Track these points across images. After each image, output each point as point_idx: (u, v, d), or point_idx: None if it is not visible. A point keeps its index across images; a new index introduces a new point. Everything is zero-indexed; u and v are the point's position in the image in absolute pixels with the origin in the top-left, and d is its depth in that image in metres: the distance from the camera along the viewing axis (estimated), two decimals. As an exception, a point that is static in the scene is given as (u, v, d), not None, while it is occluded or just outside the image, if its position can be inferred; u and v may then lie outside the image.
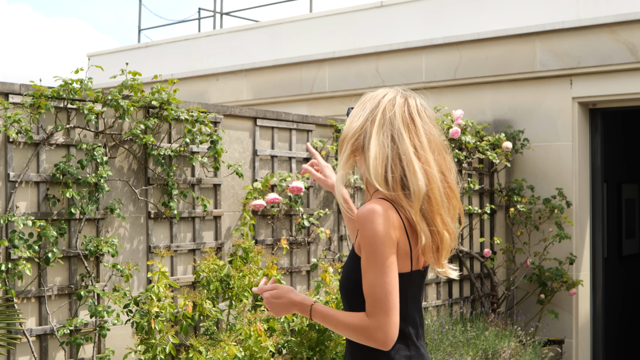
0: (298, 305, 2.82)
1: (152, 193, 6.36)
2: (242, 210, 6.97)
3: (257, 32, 13.28)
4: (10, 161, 5.51)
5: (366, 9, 11.99)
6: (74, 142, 5.83)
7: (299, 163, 7.53)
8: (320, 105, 11.77)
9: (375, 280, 2.64)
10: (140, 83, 6.14)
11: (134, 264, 6.02)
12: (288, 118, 7.44)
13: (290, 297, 2.83)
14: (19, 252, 5.38)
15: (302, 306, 2.81)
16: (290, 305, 2.84)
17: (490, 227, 9.82)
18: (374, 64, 11.23)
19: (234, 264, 6.38)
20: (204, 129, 6.49)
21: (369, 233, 2.68)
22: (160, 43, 14.56)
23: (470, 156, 9.27)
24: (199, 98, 12.83)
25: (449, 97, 10.44)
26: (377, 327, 2.64)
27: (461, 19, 10.95)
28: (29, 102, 5.54)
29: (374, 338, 2.65)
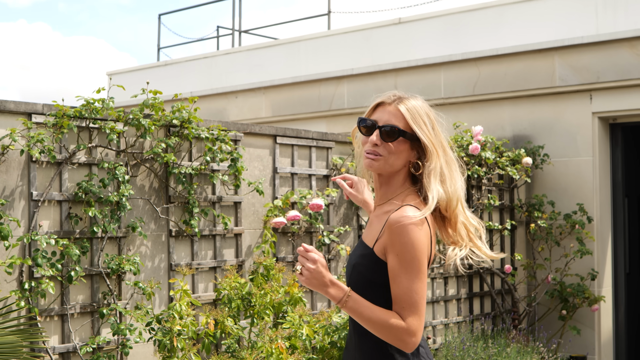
0: (335, 286, 2.77)
1: (173, 211, 6.38)
2: (263, 227, 6.99)
3: (275, 49, 13.33)
4: (33, 180, 5.55)
5: (384, 25, 12.02)
6: (96, 161, 5.86)
7: (319, 180, 7.55)
8: (339, 121, 11.79)
9: (411, 285, 2.72)
10: (161, 102, 6.18)
11: (155, 282, 6.05)
12: (308, 135, 7.47)
13: (330, 276, 2.78)
14: (42, 270, 5.41)
15: (338, 288, 2.77)
16: (328, 283, 2.76)
17: (511, 243, 9.79)
18: (392, 80, 11.24)
19: (255, 281, 6.39)
20: (224, 147, 6.52)
21: (408, 240, 2.75)
22: (180, 61, 14.64)
23: (490, 172, 9.25)
24: (218, 115, 12.88)
25: (468, 112, 10.44)
26: (411, 329, 2.72)
27: (479, 34, 10.95)
28: (52, 122, 5.58)
29: (404, 339, 2.72)
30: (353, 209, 7.84)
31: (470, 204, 9.04)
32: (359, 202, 3.45)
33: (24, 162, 5.55)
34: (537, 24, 10.44)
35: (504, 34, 10.69)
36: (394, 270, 2.76)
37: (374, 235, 2.90)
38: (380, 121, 2.93)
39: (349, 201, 7.79)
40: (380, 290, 2.84)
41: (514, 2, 10.83)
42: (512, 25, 10.70)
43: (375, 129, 2.92)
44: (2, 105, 5.43)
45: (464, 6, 11.31)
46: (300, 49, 12.89)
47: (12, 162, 5.49)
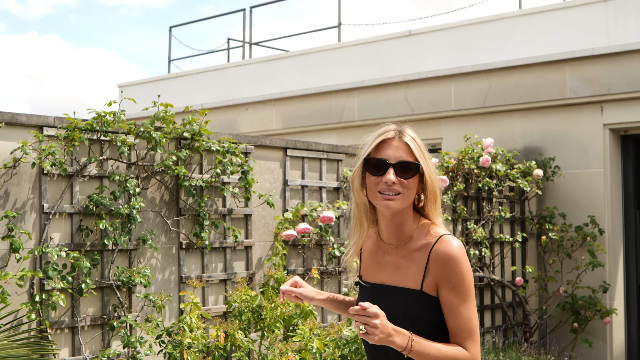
0: (399, 333, 2.65)
1: (184, 224, 6.39)
2: (274, 240, 6.98)
3: (286, 61, 13.36)
4: (45, 193, 5.57)
5: (395, 37, 12.04)
6: (107, 173, 5.88)
7: (330, 193, 7.54)
8: (349, 134, 11.79)
9: (469, 313, 2.73)
10: (172, 114, 6.19)
11: (166, 294, 6.05)
12: (318, 148, 7.47)
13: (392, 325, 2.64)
14: (53, 283, 5.41)
15: (402, 334, 2.66)
16: (393, 333, 2.63)
17: (522, 255, 9.76)
18: (403, 92, 11.25)
19: (266, 294, 6.38)
20: (235, 160, 6.53)
21: (464, 271, 2.76)
22: (190, 73, 14.68)
23: (501, 184, 9.23)
24: (229, 127, 12.90)
25: (479, 124, 10.42)
26: (475, 357, 2.74)
27: (490, 46, 10.96)
28: (63, 135, 5.60)
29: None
30: (363, 221, 7.81)
31: (481, 216, 9.02)
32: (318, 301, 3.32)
33: (35, 174, 5.56)
34: (548, 35, 10.44)
35: (514, 46, 10.69)
36: (452, 304, 2.74)
37: (416, 276, 2.83)
38: (391, 159, 2.81)
39: (359, 213, 7.77)
40: (434, 328, 2.79)
41: (524, 14, 10.84)
42: (522, 37, 10.70)
43: (389, 167, 2.80)
44: (14, 118, 5.45)
45: (475, 18, 11.31)
46: (310, 61, 12.91)
47: (23, 175, 5.50)
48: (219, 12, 31.62)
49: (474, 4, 13.96)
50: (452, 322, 2.75)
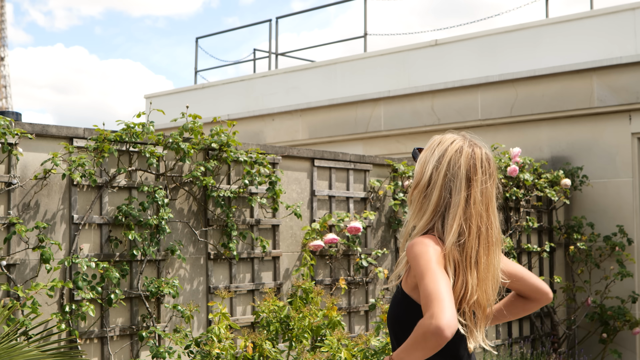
0: None
1: (212, 234, 6.41)
2: (302, 250, 6.99)
3: (312, 72, 13.38)
4: (74, 204, 5.61)
5: (420, 47, 12.03)
6: (136, 184, 5.91)
7: (357, 203, 7.54)
8: (375, 144, 11.79)
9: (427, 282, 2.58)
10: (200, 125, 6.22)
11: (194, 305, 6.07)
12: (345, 158, 7.47)
13: None
14: (83, 293, 5.45)
15: None
16: None
17: (550, 265, 9.70)
18: (429, 102, 11.23)
19: (294, 304, 6.38)
20: (262, 170, 6.55)
21: (416, 253, 2.68)
22: (217, 84, 14.74)
23: (529, 194, 9.19)
24: (255, 138, 12.93)
25: (505, 134, 10.39)
26: (429, 315, 2.51)
27: (516, 55, 10.92)
28: (93, 146, 5.64)
29: (429, 329, 2.49)
30: (390, 231, 7.82)
31: (509, 226, 8.99)
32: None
33: (65, 185, 5.61)
34: (575, 44, 10.39)
35: (541, 55, 10.66)
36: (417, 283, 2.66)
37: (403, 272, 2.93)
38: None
39: (386, 224, 7.77)
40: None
41: (551, 23, 10.80)
42: (549, 46, 10.66)
43: None
44: (44, 129, 5.50)
45: (501, 27, 11.29)
46: (336, 71, 12.93)
47: (53, 186, 5.55)
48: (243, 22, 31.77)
49: (500, 13, 13.95)
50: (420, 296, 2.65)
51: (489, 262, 2.80)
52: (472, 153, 2.84)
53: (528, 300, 3.12)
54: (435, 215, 2.81)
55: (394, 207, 7.58)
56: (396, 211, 7.75)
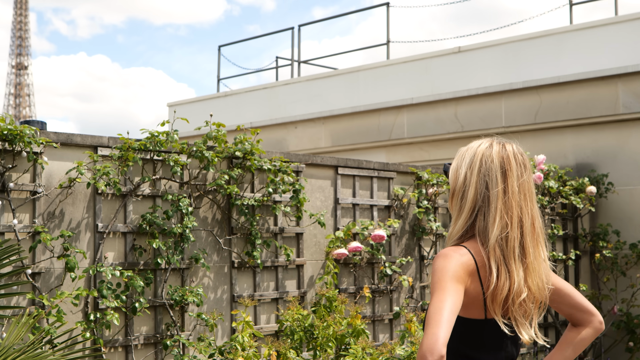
0: None
1: (236, 242, 6.40)
2: (326, 259, 6.97)
3: (334, 79, 13.37)
4: (99, 212, 5.62)
5: (443, 54, 11.99)
6: (160, 193, 5.92)
7: (381, 211, 7.51)
8: (398, 151, 11.76)
9: (432, 302, 2.56)
10: (224, 134, 6.22)
11: (218, 313, 6.06)
12: (369, 166, 7.45)
13: None
14: (107, 302, 5.46)
15: None
16: None
17: (575, 273, 9.63)
18: (452, 109, 11.19)
19: (318, 313, 6.37)
20: (286, 179, 6.53)
21: (434, 267, 2.66)
22: (239, 92, 14.76)
23: (554, 201, 9.13)
24: (278, 146, 12.94)
25: (530, 141, 10.33)
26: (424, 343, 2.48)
27: (540, 62, 10.86)
28: (117, 155, 5.65)
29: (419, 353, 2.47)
30: (415, 239, 7.79)
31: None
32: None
33: (90, 194, 5.62)
34: (599, 51, 10.33)
35: (565, 62, 10.59)
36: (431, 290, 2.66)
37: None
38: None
39: (410, 232, 7.74)
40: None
41: (575, 30, 10.73)
42: (573, 53, 10.60)
43: None
44: (69, 138, 5.52)
45: (524, 34, 11.23)
46: (359, 79, 12.91)
47: (78, 195, 5.57)
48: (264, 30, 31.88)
49: (523, 20, 13.92)
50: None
51: (537, 253, 2.75)
52: (503, 148, 2.82)
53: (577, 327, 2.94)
54: (473, 213, 2.76)
55: (418, 215, 7.55)
56: (420, 219, 7.72)
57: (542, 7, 17.45)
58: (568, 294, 2.92)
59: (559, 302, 2.92)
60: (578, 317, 2.93)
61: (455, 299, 2.58)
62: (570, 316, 2.94)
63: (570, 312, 2.93)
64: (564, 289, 2.91)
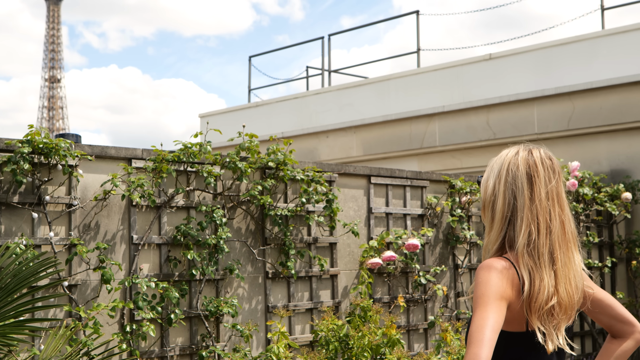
0: None
1: (270, 253, 6.40)
2: (360, 268, 6.95)
3: (365, 88, 13.36)
4: (134, 224, 5.64)
5: (474, 62, 11.95)
6: (194, 204, 5.93)
7: (414, 220, 7.49)
8: (430, 159, 11.72)
9: (475, 318, 2.54)
10: (257, 144, 6.23)
11: (253, 324, 6.06)
12: (402, 175, 7.43)
13: None
14: (143, 313, 5.47)
15: None
16: None
17: (611, 280, 9.53)
18: (484, 116, 11.14)
19: (352, 323, 6.35)
20: (319, 189, 6.53)
21: (477, 280, 2.63)
22: (270, 102, 14.79)
23: (588, 208, 9.05)
24: (309, 155, 12.94)
25: (563, 148, 10.26)
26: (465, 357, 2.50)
27: (572, 68, 10.79)
28: (151, 167, 5.68)
29: None
30: (448, 248, 7.75)
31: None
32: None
33: (125, 206, 5.65)
34: (632, 55, 10.24)
35: (597, 67, 10.51)
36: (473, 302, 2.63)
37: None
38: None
39: (444, 240, 7.70)
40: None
41: (607, 35, 10.65)
42: (605, 58, 10.51)
43: None
44: (103, 151, 5.55)
45: (556, 40, 11.17)
46: (390, 88, 12.89)
47: (113, 207, 5.60)
48: (293, 40, 31.91)
49: (554, 26, 13.83)
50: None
51: (567, 259, 2.70)
52: (530, 154, 2.78)
53: (617, 339, 2.89)
54: (504, 224, 2.74)
55: (451, 224, 7.51)
56: (454, 227, 7.68)
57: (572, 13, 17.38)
58: (608, 304, 2.86)
59: (598, 312, 2.87)
60: (618, 329, 2.88)
61: (497, 316, 2.56)
62: (610, 327, 2.89)
63: (610, 323, 2.88)
64: (604, 299, 2.86)
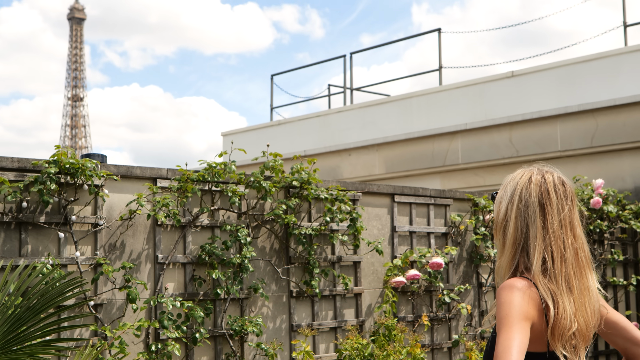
0: None
1: (294, 272, 6.41)
2: (384, 287, 6.95)
3: (387, 106, 13.38)
4: (159, 243, 5.67)
5: (497, 79, 11.94)
6: (219, 223, 5.96)
7: (438, 238, 7.48)
8: (453, 177, 11.70)
9: (500, 339, 2.53)
10: (281, 164, 6.25)
11: (278, 343, 6.06)
12: (425, 193, 7.42)
13: None
14: (168, 332, 5.49)
15: None
16: None
17: (637, 299, 9.46)
18: (507, 134, 11.12)
19: (377, 342, 6.34)
20: (343, 207, 6.54)
21: (500, 300, 2.62)
22: (292, 120, 14.83)
23: (613, 226, 9.00)
24: (332, 173, 12.96)
25: (586, 165, 10.22)
26: None
27: (595, 85, 10.76)
28: (176, 187, 5.71)
29: None
30: (472, 266, 7.73)
31: (594, 259, 8.79)
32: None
33: (150, 225, 5.68)
34: (656, 72, 10.20)
35: (621, 84, 10.48)
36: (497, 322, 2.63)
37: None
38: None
39: (468, 259, 7.68)
40: None
41: (630, 51, 10.62)
42: (629, 75, 10.48)
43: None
44: (128, 171, 5.59)
45: (579, 57, 11.15)
46: (412, 105, 12.91)
47: (138, 226, 5.63)
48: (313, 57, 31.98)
49: (576, 43, 13.79)
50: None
51: (583, 286, 2.69)
52: (543, 180, 2.77)
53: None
54: (517, 250, 2.72)
55: (475, 242, 7.49)
56: (478, 246, 7.66)
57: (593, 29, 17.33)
58: (623, 326, 2.85)
59: (613, 335, 2.86)
60: (633, 351, 2.86)
61: (523, 337, 2.56)
62: (625, 350, 2.88)
63: (625, 345, 2.86)
64: (619, 322, 2.85)
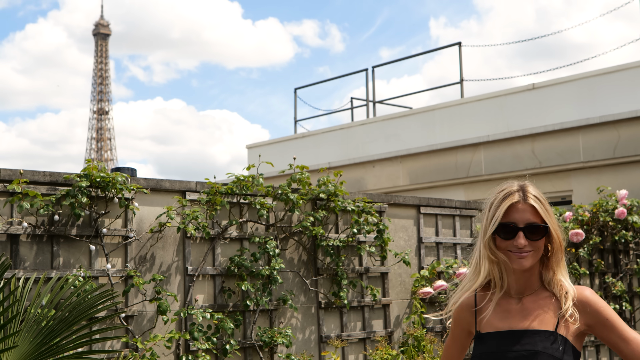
0: None
1: (322, 283, 6.45)
2: (412, 298, 6.98)
3: (410, 118, 13.43)
4: (188, 256, 5.73)
5: (518, 92, 11.97)
6: (247, 235, 6.01)
7: (464, 249, 7.50)
8: (477, 188, 11.72)
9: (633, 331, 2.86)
10: (308, 176, 6.31)
11: (308, 354, 6.10)
12: (451, 204, 7.46)
13: None
14: (199, 344, 5.54)
15: None
16: None
17: (663, 309, 9.43)
18: (529, 145, 11.14)
19: (407, 353, 6.36)
20: (370, 219, 6.58)
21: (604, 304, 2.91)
22: (316, 133, 14.90)
23: (638, 236, 8.99)
24: (356, 185, 13.00)
25: (609, 175, 10.22)
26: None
27: (616, 97, 10.77)
28: (205, 199, 5.77)
29: None
30: (498, 277, 7.73)
31: (619, 269, 8.79)
32: None
33: (179, 238, 5.74)
34: (679, 82, 10.20)
35: (644, 95, 10.49)
36: (620, 335, 2.88)
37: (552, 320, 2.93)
38: (519, 222, 2.90)
39: (494, 269, 7.69)
40: None
41: (652, 62, 10.64)
42: (651, 86, 10.49)
43: (518, 231, 2.90)
44: (158, 184, 5.66)
45: (599, 69, 11.16)
46: (435, 118, 12.95)
47: (168, 239, 5.69)
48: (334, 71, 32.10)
49: (596, 56, 13.81)
50: (629, 349, 2.87)
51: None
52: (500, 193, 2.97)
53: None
54: None
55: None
56: (503, 257, 7.66)
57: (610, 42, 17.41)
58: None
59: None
60: None
61: None
62: None
63: None
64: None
